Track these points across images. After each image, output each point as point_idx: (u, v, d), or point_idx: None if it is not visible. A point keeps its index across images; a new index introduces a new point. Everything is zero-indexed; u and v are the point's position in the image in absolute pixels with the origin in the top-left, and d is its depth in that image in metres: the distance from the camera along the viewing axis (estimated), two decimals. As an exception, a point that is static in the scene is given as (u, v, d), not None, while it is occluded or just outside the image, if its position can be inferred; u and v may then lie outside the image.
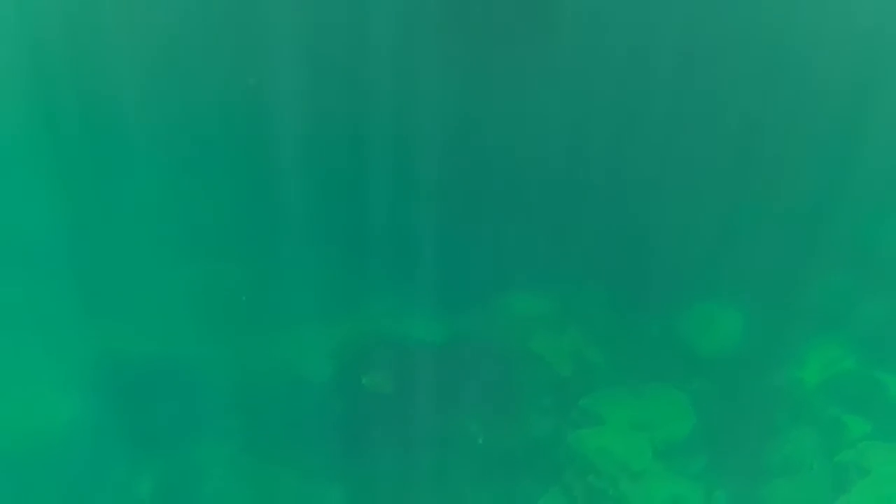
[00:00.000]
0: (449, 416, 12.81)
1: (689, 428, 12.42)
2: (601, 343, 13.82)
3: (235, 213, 15.27)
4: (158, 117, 14.16)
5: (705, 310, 13.98)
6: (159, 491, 13.05)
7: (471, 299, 14.33)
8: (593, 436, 12.30)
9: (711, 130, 13.63)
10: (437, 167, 13.86)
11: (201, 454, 13.30)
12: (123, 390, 13.42)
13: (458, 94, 13.64)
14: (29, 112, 14.18)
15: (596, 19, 13.45)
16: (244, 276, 15.22)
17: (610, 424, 12.48)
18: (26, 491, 12.60)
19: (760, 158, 13.61)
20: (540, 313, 14.24)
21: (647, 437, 12.24)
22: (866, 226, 13.94)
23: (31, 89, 14.04)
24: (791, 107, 13.54)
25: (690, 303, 13.99)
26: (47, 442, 13.06)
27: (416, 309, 14.52)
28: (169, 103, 14.22)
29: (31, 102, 14.18)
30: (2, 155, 14.26)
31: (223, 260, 15.36)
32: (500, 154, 14.31)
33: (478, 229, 14.87)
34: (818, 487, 11.59)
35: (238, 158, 14.71)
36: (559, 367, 13.33)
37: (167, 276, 15.01)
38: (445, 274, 14.57)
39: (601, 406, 12.72)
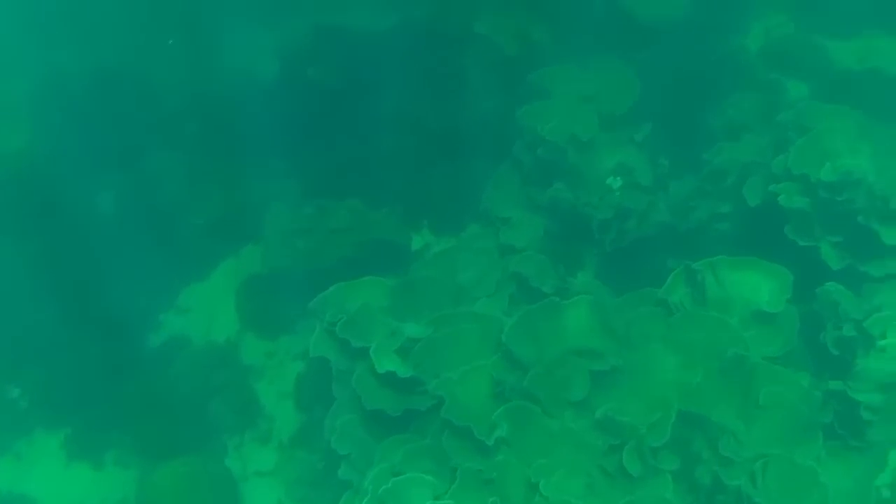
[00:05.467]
0: (399, 100, 12.90)
1: (634, 98, 12.55)
2: (546, 20, 13.70)
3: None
4: None
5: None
6: (121, 201, 13.27)
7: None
8: (541, 110, 12.38)
9: None
10: None
11: (158, 161, 13.41)
12: (76, 108, 13.35)
13: None
14: None
15: None
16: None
17: (557, 98, 12.57)
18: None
19: None
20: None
21: (593, 109, 12.36)
22: None
23: None
24: None
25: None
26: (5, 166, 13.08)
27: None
28: None
29: None
30: None
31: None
32: None
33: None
34: (759, 147, 11.95)
35: None
36: (505, 47, 13.30)
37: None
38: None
39: (548, 81, 12.77)
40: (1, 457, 12.34)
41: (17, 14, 13.99)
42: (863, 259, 10.53)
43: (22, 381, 12.67)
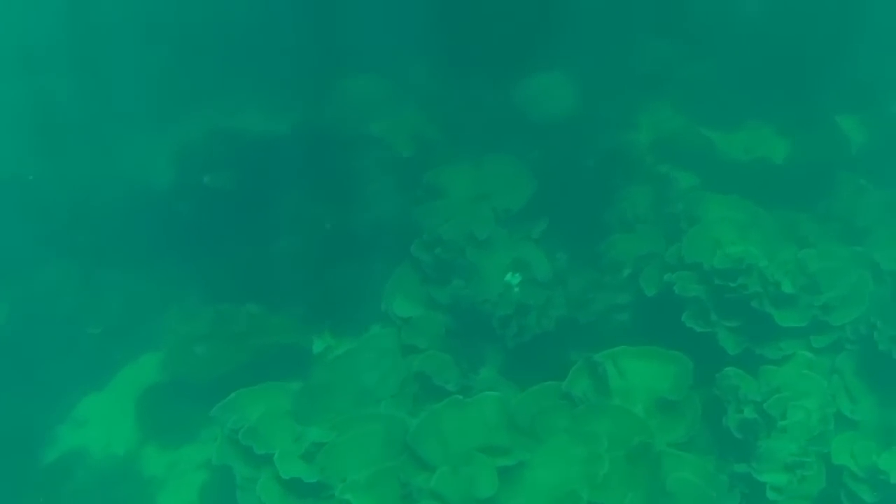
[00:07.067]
0: (295, 203, 12.88)
1: (529, 194, 12.74)
2: (439, 121, 13.96)
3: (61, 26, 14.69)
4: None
5: (540, 81, 14.21)
6: (15, 312, 12.94)
7: (306, 88, 14.22)
8: (437, 209, 12.55)
9: None
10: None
11: (52, 272, 13.16)
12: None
13: None
14: None
15: None
16: (73, 88, 14.77)
17: (453, 197, 12.76)
18: None
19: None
20: (376, 96, 14.27)
21: (489, 207, 12.54)
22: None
23: None
24: None
25: (525, 74, 14.19)
26: None
27: (253, 102, 14.37)
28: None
29: None
30: None
31: (49, 74, 14.85)
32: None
33: (308, 17, 14.61)
34: (653, 237, 12.19)
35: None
36: (400, 148, 13.48)
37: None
38: (279, 65, 14.43)
39: (443, 181, 12.95)
40: None
41: None
42: (759, 342, 10.75)
43: (-86, 504, 12.11)
